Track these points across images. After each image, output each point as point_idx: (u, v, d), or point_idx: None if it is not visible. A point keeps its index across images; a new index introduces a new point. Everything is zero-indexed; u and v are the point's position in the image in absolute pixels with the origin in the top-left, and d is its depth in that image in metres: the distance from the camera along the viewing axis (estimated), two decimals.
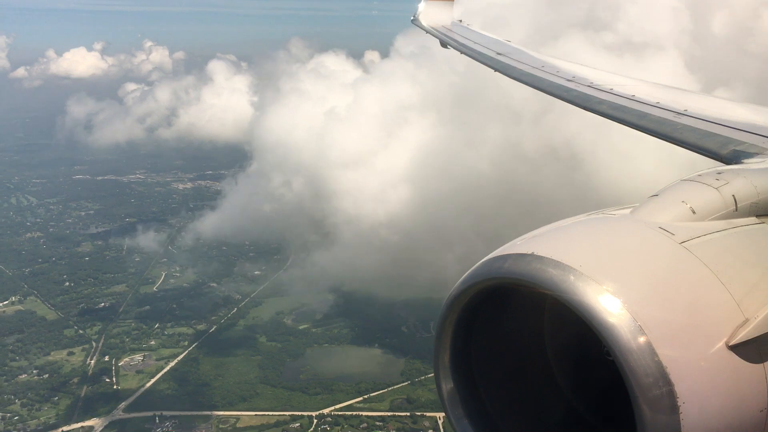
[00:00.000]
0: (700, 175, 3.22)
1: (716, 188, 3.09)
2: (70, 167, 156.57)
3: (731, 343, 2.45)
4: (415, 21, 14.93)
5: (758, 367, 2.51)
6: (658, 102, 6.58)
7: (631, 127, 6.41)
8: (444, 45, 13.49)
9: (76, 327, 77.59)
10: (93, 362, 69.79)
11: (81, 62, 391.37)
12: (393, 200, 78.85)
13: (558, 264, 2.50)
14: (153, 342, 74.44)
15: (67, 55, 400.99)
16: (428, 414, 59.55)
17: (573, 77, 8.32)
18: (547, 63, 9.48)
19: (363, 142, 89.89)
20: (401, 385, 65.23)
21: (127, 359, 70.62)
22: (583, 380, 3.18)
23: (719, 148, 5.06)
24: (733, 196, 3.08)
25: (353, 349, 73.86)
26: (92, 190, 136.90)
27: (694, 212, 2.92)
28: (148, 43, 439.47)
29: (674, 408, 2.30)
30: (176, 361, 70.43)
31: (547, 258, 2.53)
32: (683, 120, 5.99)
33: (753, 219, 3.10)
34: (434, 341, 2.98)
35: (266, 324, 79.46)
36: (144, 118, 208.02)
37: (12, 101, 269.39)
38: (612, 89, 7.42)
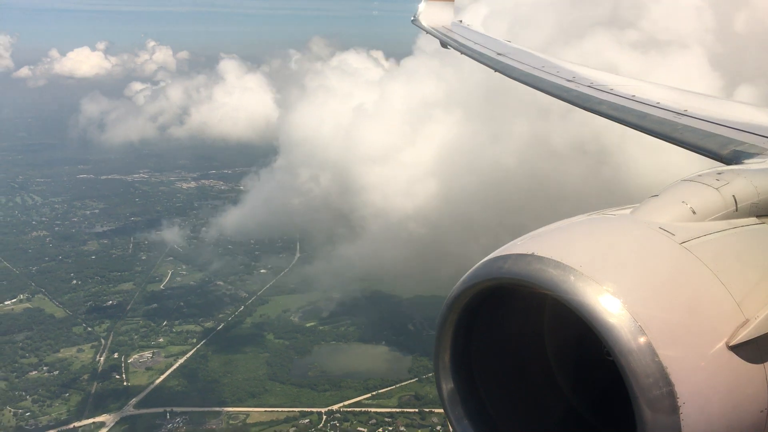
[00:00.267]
0: (701, 176, 3.21)
1: (716, 188, 3.08)
2: (74, 166, 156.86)
3: (731, 344, 2.45)
4: (415, 21, 14.92)
5: (758, 368, 2.51)
6: (659, 102, 6.57)
7: (632, 128, 6.42)
8: (444, 45, 13.50)
9: (85, 324, 78.10)
10: (102, 359, 70.30)
11: (85, 62, 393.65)
12: (420, 194, 79.24)
13: (558, 264, 2.51)
14: (161, 339, 74.96)
15: (71, 55, 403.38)
16: (436, 410, 60.00)
17: (573, 77, 8.31)
18: (548, 63, 9.49)
19: (388, 139, 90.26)
20: (409, 382, 65.74)
21: (136, 356, 71.14)
22: (583, 380, 3.19)
23: (719, 149, 5.05)
24: (734, 197, 3.07)
25: (360, 347, 74.37)
26: (97, 190, 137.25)
27: (695, 212, 2.92)
28: (152, 43, 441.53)
29: (674, 408, 2.31)
30: (185, 358, 70.96)
31: (548, 258, 2.53)
32: (683, 120, 5.96)
33: (753, 219, 3.10)
34: (434, 341, 2.98)
35: (273, 321, 79.97)
36: (156, 117, 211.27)
37: (15, 101, 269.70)
38: (612, 89, 7.42)
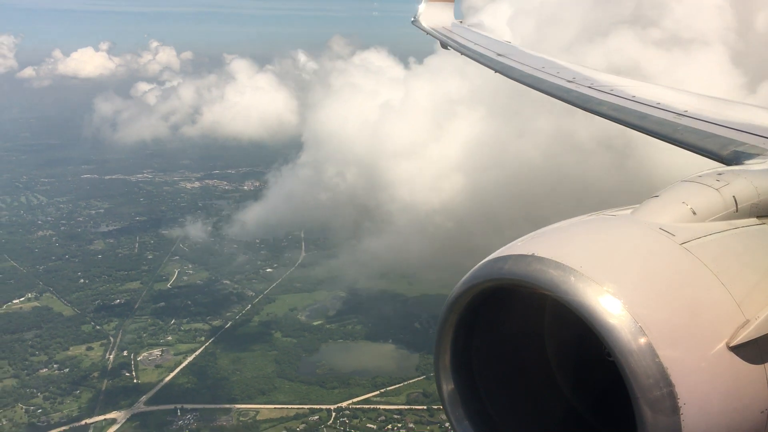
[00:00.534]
0: (701, 176, 3.21)
1: (717, 189, 3.08)
2: (78, 166, 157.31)
3: (732, 344, 2.45)
4: (416, 22, 14.91)
5: (759, 368, 2.50)
6: (659, 103, 6.55)
7: (632, 128, 6.42)
8: (444, 46, 13.47)
9: (93, 323, 78.59)
10: (112, 357, 70.79)
11: (88, 62, 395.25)
12: (446, 189, 79.64)
13: (558, 265, 2.51)
14: (170, 337, 75.46)
15: (75, 55, 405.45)
16: None
17: (573, 78, 8.31)
18: (548, 63, 9.47)
19: (410, 136, 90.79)
20: (417, 380, 66.21)
21: (146, 354, 71.60)
22: (584, 381, 3.19)
23: (720, 149, 5.05)
24: (734, 197, 3.07)
25: (367, 345, 74.84)
26: (101, 189, 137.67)
27: (695, 213, 2.92)
28: (154, 44, 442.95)
29: (675, 409, 2.31)
30: (194, 356, 71.45)
31: (548, 259, 2.54)
32: (683, 121, 5.96)
33: (753, 220, 3.09)
34: (435, 342, 2.98)
35: (280, 320, 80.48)
36: (167, 117, 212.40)
37: (19, 101, 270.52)
38: (612, 90, 7.42)
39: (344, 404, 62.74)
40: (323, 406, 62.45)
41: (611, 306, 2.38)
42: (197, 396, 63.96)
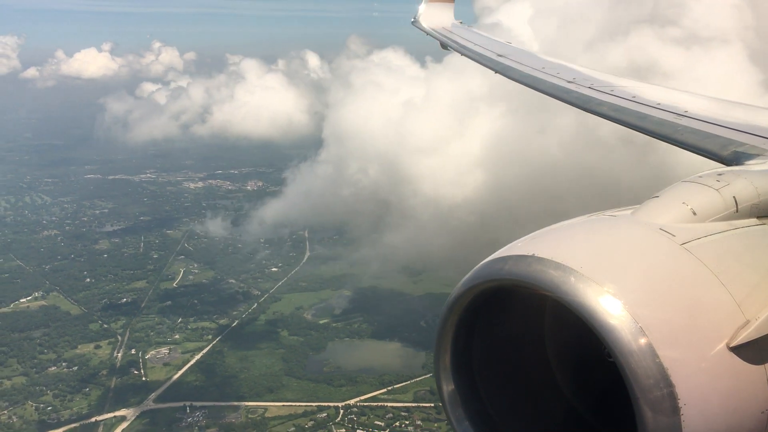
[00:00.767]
0: (701, 177, 3.21)
1: (717, 189, 3.08)
2: (81, 167, 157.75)
3: (732, 345, 2.46)
4: (416, 23, 14.92)
5: (759, 369, 2.51)
6: (659, 103, 6.57)
7: (632, 129, 6.44)
8: (444, 47, 13.48)
9: (101, 321, 78.93)
10: (120, 355, 71.16)
11: (92, 63, 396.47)
12: (469, 184, 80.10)
13: (559, 265, 2.52)
14: (177, 336, 75.83)
15: (78, 56, 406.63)
16: None
17: (573, 79, 8.31)
18: (548, 64, 9.50)
19: (429, 133, 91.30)
20: (424, 377, 66.55)
21: (153, 352, 71.96)
22: (584, 381, 3.20)
23: (720, 150, 5.08)
24: (734, 198, 3.07)
25: (374, 343, 75.22)
26: (105, 189, 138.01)
27: (695, 213, 2.92)
28: (157, 44, 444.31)
29: (675, 409, 2.32)
30: (201, 354, 71.81)
31: (548, 259, 2.55)
32: (684, 121, 5.98)
33: (754, 220, 3.09)
34: (435, 343, 2.99)
35: (287, 319, 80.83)
36: (177, 116, 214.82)
37: (22, 102, 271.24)
38: (612, 90, 7.44)
39: (352, 402, 63.12)
40: (331, 404, 62.83)
41: (611, 306, 2.38)
42: (206, 393, 64.35)
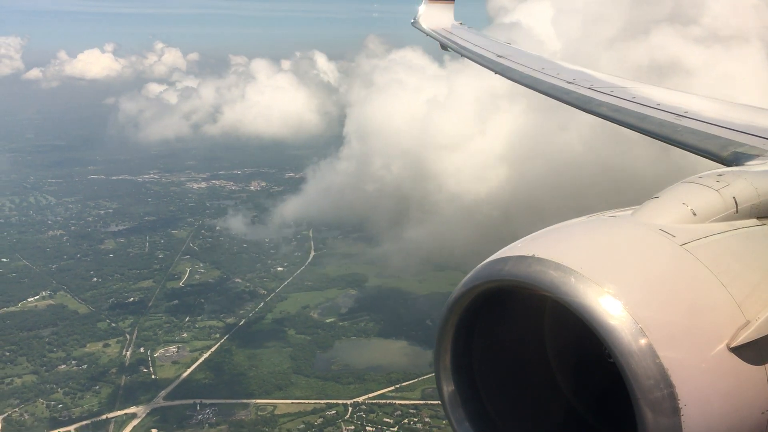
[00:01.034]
0: (701, 177, 3.21)
1: (717, 190, 3.07)
2: (84, 167, 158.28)
3: (732, 345, 2.46)
4: (416, 24, 14.95)
5: (759, 369, 2.51)
6: (659, 104, 6.59)
7: (632, 129, 6.44)
8: (444, 47, 13.48)
9: (109, 320, 79.34)
10: (129, 353, 71.57)
11: (95, 63, 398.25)
12: (492, 180, 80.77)
13: (559, 266, 2.52)
14: (185, 334, 76.25)
15: (81, 57, 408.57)
16: None
17: (573, 79, 8.32)
18: (548, 65, 9.53)
19: (447, 131, 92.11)
20: (431, 375, 66.12)
21: (162, 351, 72.41)
22: (584, 382, 3.20)
23: (720, 150, 5.09)
24: (734, 198, 3.07)
25: (380, 342, 75.68)
26: (109, 190, 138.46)
27: (695, 214, 2.92)
28: (159, 45, 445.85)
29: (675, 410, 2.32)
30: (210, 352, 72.25)
31: (548, 260, 2.55)
32: (684, 122, 5.98)
33: (754, 221, 3.09)
34: (435, 343, 3.00)
35: (294, 317, 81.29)
36: (189, 116, 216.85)
37: (25, 102, 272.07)
38: (612, 91, 7.46)
39: (360, 399, 63.60)
40: (340, 401, 63.30)
41: (612, 307, 2.38)
42: (215, 391, 64.79)
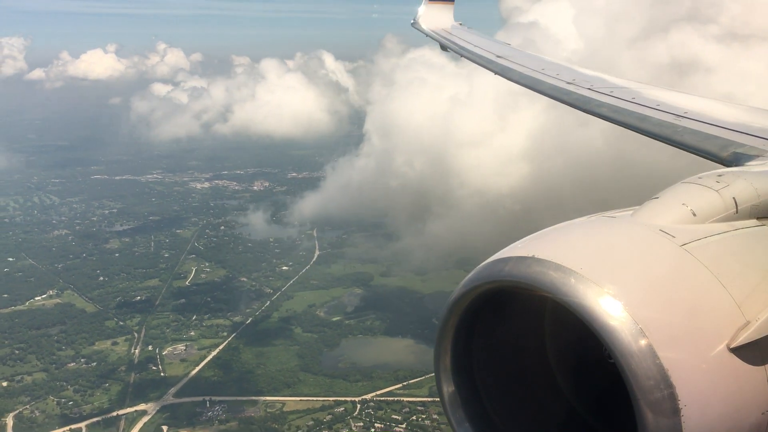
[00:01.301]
0: (701, 178, 3.20)
1: (717, 190, 3.07)
2: (87, 167, 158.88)
3: (732, 346, 2.45)
4: (415, 24, 14.94)
5: (760, 370, 2.51)
6: (659, 104, 6.59)
7: (632, 130, 6.43)
8: (444, 48, 13.47)
9: (116, 319, 79.80)
10: (137, 351, 72.04)
11: (98, 64, 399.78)
12: (514, 175, 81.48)
13: (559, 267, 2.51)
14: (192, 333, 76.73)
15: (84, 57, 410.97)
16: None
17: (573, 80, 8.34)
18: (548, 65, 9.53)
19: (467, 128, 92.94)
20: None
21: (170, 349, 72.89)
22: (584, 383, 3.19)
23: (719, 151, 5.09)
24: (734, 199, 3.07)
25: (387, 340, 76.22)
26: (112, 190, 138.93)
27: (695, 214, 2.91)
28: (162, 45, 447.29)
29: (676, 411, 2.31)
30: (218, 350, 72.77)
31: (548, 261, 2.55)
32: (683, 122, 5.98)
33: (754, 221, 3.09)
34: (435, 344, 2.98)
35: (300, 316, 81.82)
36: (200, 115, 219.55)
37: (28, 103, 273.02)
38: (612, 92, 7.46)
39: (368, 396, 64.12)
40: (348, 399, 63.78)
41: (611, 307, 2.38)
42: (224, 388, 65.30)
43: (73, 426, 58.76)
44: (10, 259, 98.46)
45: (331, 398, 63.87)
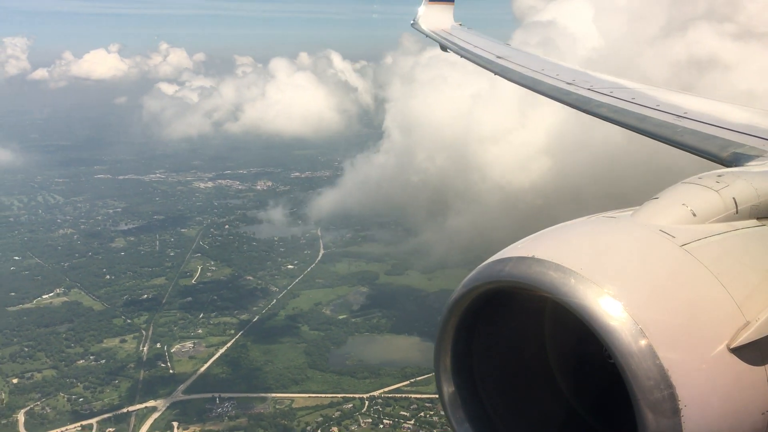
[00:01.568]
0: (701, 178, 3.20)
1: (717, 191, 3.07)
2: (90, 167, 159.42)
3: (732, 346, 2.45)
4: (415, 25, 14.92)
5: (760, 370, 2.50)
6: (658, 105, 6.58)
7: (632, 130, 6.42)
8: (444, 49, 13.46)
9: (124, 317, 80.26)
10: (146, 349, 72.45)
11: (101, 64, 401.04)
12: (534, 170, 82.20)
13: (559, 267, 2.51)
14: (200, 330, 77.21)
15: (87, 57, 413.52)
16: None
17: (573, 80, 8.34)
18: (547, 65, 9.53)
19: (497, 122, 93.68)
20: None
21: (178, 346, 73.32)
22: (584, 383, 3.18)
23: (719, 151, 5.09)
24: (734, 199, 3.07)
25: (393, 338, 76.67)
26: (116, 189, 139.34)
27: (695, 215, 2.90)
28: (164, 45, 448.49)
29: (676, 411, 2.31)
30: (225, 348, 73.21)
31: (548, 261, 2.54)
32: (683, 123, 5.96)
33: (754, 221, 3.09)
34: (435, 344, 2.97)
35: (306, 314, 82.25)
36: (211, 113, 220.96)
37: (31, 102, 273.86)
38: (612, 92, 7.46)
39: (376, 393, 64.54)
40: (356, 395, 64.21)
41: (612, 308, 2.38)
42: (233, 385, 65.75)
43: (84, 422, 59.19)
44: (17, 258, 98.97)
45: (340, 395, 64.33)
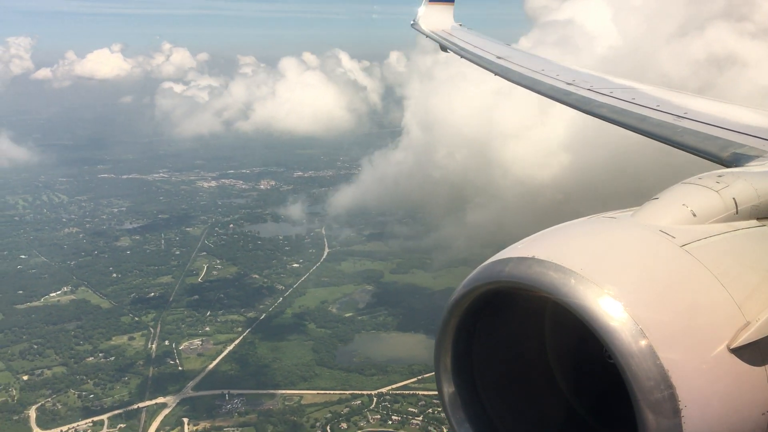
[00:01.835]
0: (701, 178, 3.21)
1: (717, 191, 3.07)
2: (94, 166, 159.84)
3: (733, 346, 2.45)
4: (415, 25, 14.89)
5: (760, 370, 2.50)
6: (658, 105, 6.57)
7: (632, 131, 6.40)
8: (444, 49, 13.44)
9: (131, 315, 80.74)
10: (154, 346, 72.94)
11: (105, 63, 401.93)
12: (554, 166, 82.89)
13: (559, 267, 2.50)
14: (208, 328, 77.66)
15: (90, 57, 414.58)
16: None
17: (573, 80, 8.34)
18: (547, 66, 9.54)
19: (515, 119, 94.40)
20: None
21: (187, 344, 73.75)
22: (585, 383, 3.19)
23: (719, 151, 5.09)
24: (734, 199, 3.07)
25: (399, 335, 77.14)
26: (120, 188, 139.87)
27: (695, 215, 2.91)
28: (167, 45, 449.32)
29: (676, 411, 2.31)
30: (233, 345, 73.71)
31: (548, 261, 2.54)
32: (683, 123, 5.96)
33: (754, 222, 3.09)
34: (435, 344, 2.98)
35: (313, 312, 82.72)
36: (221, 112, 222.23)
37: (34, 102, 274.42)
38: (612, 92, 7.45)
39: (384, 390, 65.02)
40: (364, 392, 64.68)
41: (612, 308, 2.38)
42: (241, 382, 66.22)
43: (96, 418, 59.64)
44: (23, 257, 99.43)
45: (348, 391, 64.81)
